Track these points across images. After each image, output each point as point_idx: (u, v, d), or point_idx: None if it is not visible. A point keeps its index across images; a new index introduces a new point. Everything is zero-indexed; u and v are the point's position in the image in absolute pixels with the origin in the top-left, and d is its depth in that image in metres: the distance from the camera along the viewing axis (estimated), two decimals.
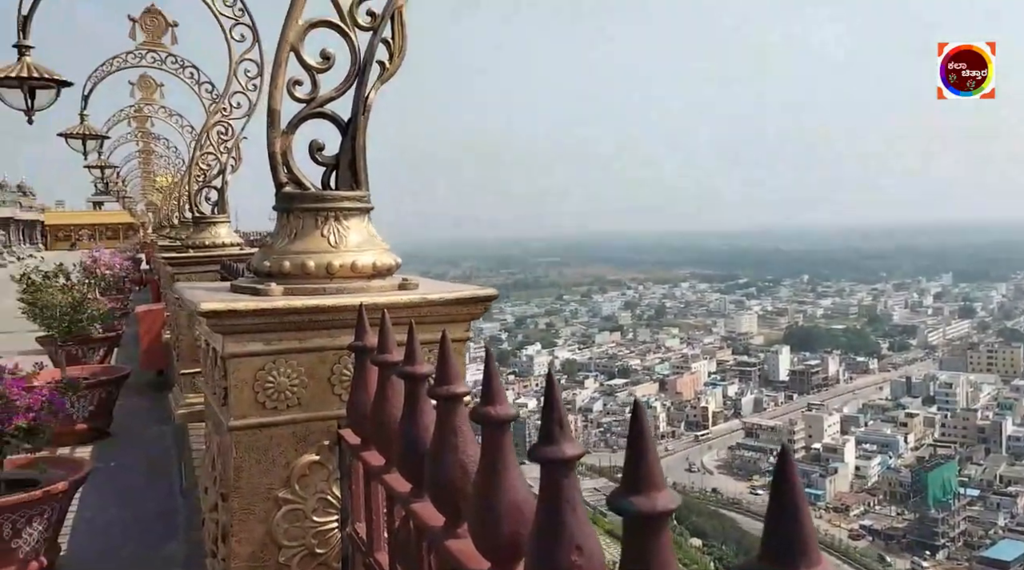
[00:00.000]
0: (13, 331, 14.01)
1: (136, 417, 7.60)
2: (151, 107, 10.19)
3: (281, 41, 1.67)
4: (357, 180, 1.72)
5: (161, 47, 7.05)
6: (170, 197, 16.34)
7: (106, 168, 11.59)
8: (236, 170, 4.72)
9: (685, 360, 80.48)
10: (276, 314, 1.48)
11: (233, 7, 4.50)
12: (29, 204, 71.08)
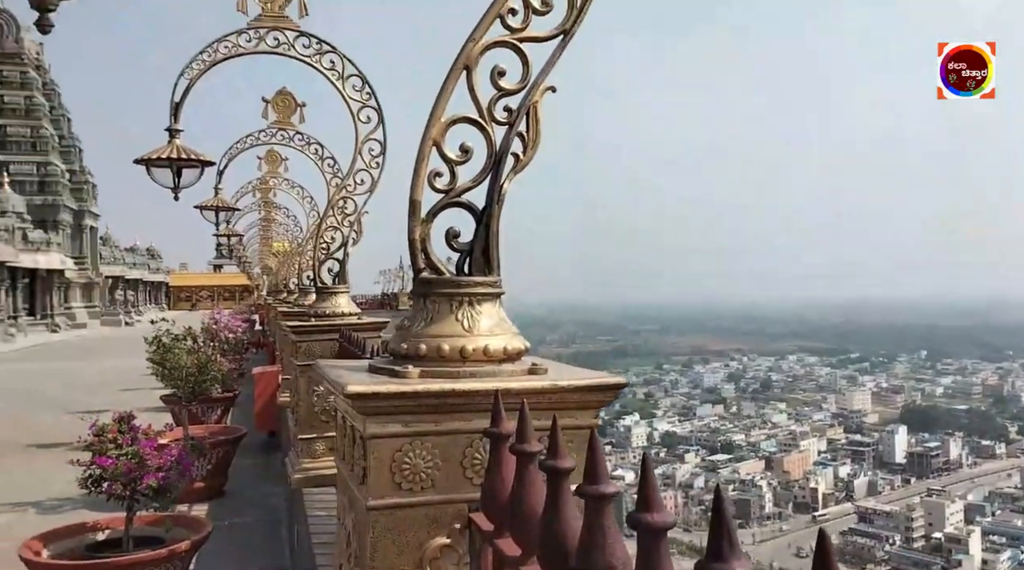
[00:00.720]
0: (139, 388, 14.86)
1: (249, 477, 7.88)
2: (275, 179, 10.84)
3: (424, 137, 1.77)
4: (490, 266, 1.79)
5: (290, 125, 7.54)
6: (286, 263, 17.21)
7: (232, 236, 12.32)
8: (357, 243, 4.94)
9: (793, 437, 76.92)
10: (414, 397, 1.54)
11: (361, 91, 4.79)
12: (156, 266, 75.92)
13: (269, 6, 4.62)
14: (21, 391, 15.30)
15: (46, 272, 36.68)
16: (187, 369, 7.64)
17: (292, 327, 4.66)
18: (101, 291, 46.92)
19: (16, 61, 42.11)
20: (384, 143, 4.85)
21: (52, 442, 9.80)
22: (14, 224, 33.34)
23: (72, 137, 46.52)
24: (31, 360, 23.25)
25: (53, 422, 11.43)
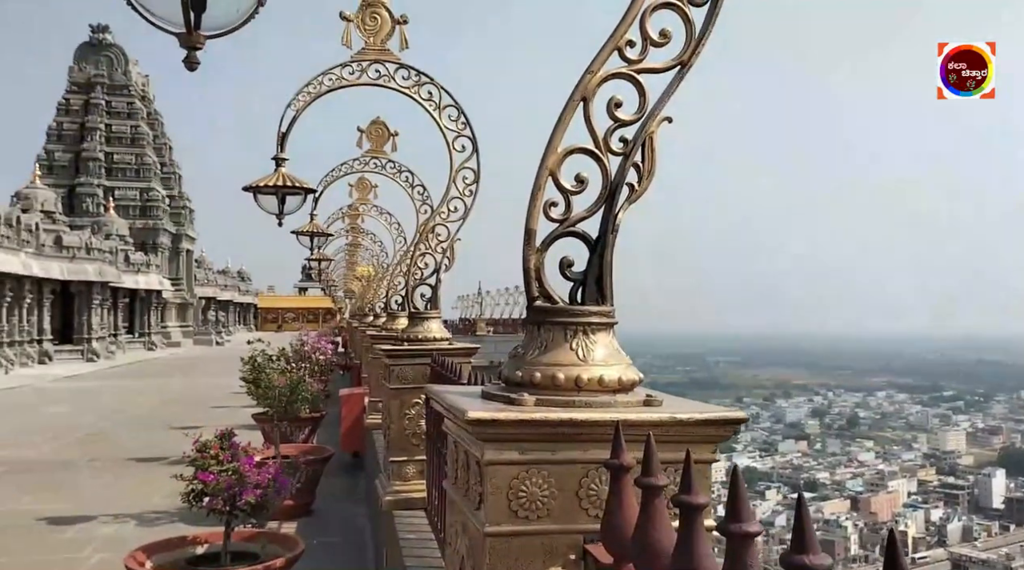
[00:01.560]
0: (230, 405, 15.39)
1: (335, 497, 8.03)
2: (365, 206, 11.13)
3: (541, 167, 1.80)
4: (603, 295, 1.79)
5: (383, 154, 7.75)
6: (370, 287, 17.59)
7: (323, 261, 12.69)
8: (449, 269, 5.01)
9: (881, 477, 73.50)
10: (532, 425, 1.55)
11: (456, 121, 4.89)
12: (246, 288, 78.65)
13: (372, 40, 4.78)
14: (121, 406, 16.03)
15: (145, 292, 38.51)
16: (280, 389, 7.88)
17: (386, 351, 4.74)
18: (195, 311, 48.93)
19: (124, 93, 44.73)
20: (477, 172, 4.92)
21: (151, 456, 10.23)
22: (118, 246, 35.18)
23: (172, 164, 48.96)
24: (130, 376, 24.37)
25: (151, 437, 11.93)
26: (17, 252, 25.52)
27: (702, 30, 1.81)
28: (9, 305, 25.46)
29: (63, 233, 29.89)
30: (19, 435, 12.01)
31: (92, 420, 13.75)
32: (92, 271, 30.35)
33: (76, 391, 19.43)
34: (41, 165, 38.39)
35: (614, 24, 1.81)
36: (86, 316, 30.71)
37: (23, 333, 26.50)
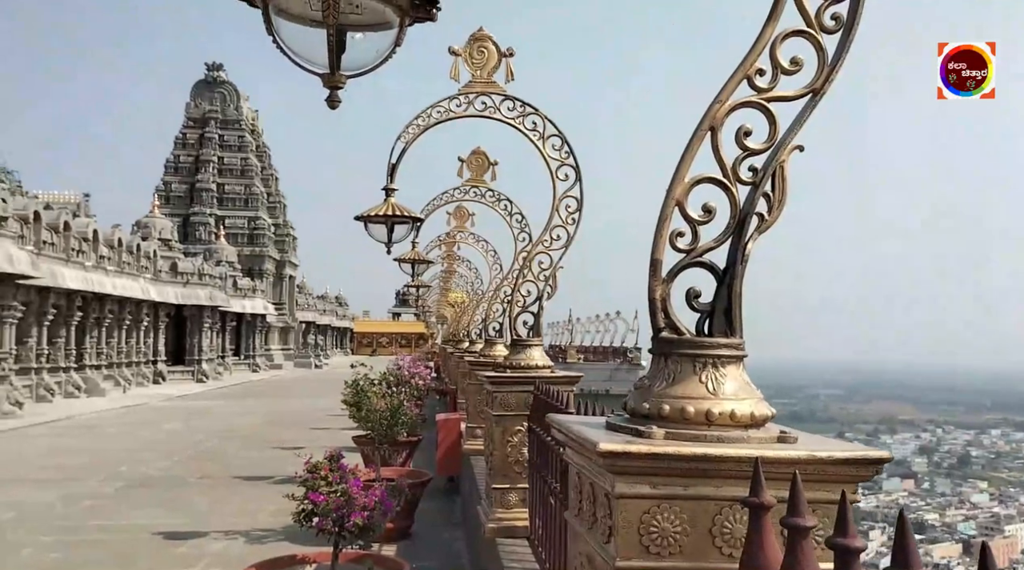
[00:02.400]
0: (328, 427, 15.81)
1: (431, 521, 8.10)
2: (462, 233, 11.32)
3: (667, 197, 1.78)
4: (732, 327, 1.75)
5: (482, 183, 7.87)
6: (465, 312, 17.81)
7: (420, 287, 12.94)
8: (551, 297, 5.02)
9: (996, 520, 68.65)
10: (665, 459, 1.52)
11: (560, 150, 4.92)
12: (343, 313, 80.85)
13: (479, 73, 4.89)
14: (229, 425, 16.69)
15: (251, 316, 40.17)
16: (381, 413, 8.04)
17: (488, 378, 4.78)
18: (296, 335, 50.68)
19: (236, 127, 47.17)
20: (580, 200, 4.94)
21: (257, 475, 10.60)
22: (227, 272, 36.91)
23: (278, 194, 51.17)
24: (236, 397, 25.38)
25: (257, 456, 12.37)
26: (137, 278, 27.12)
27: (835, 57, 1.77)
28: (128, 328, 27.03)
29: (178, 260, 31.59)
30: (137, 451, 12.66)
31: (203, 438, 14.36)
32: (204, 296, 31.91)
33: (187, 410, 20.36)
34: (159, 195, 40.83)
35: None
36: (197, 338, 32.26)
37: (140, 354, 28.05)
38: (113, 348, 25.83)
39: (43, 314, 20.60)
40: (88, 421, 17.15)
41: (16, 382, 17.98)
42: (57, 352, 21.78)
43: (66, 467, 11.16)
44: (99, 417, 18.04)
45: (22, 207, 19.60)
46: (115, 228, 26.59)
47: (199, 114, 46.88)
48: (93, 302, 23.92)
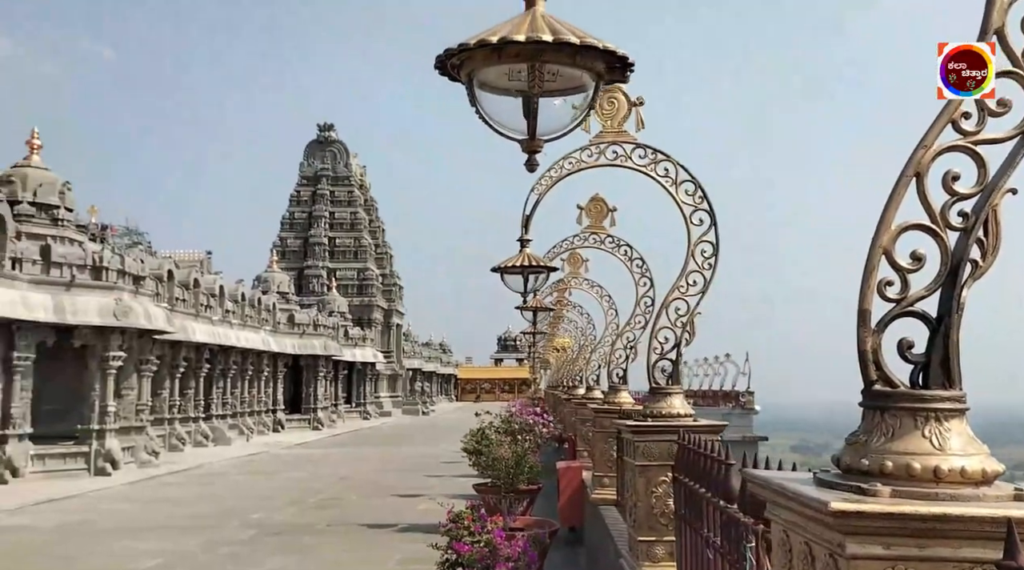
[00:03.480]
0: (443, 474, 15.96)
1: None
2: (576, 279, 11.35)
3: (873, 245, 1.75)
4: (951, 379, 1.68)
5: (602, 230, 7.90)
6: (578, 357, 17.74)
7: (536, 334, 13.01)
8: (690, 343, 4.94)
9: None
10: (899, 519, 1.47)
11: (693, 195, 4.90)
12: (447, 360, 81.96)
13: (610, 123, 4.96)
14: (347, 473, 17.09)
15: (361, 364, 41.31)
16: (506, 461, 8.06)
17: (630, 427, 4.73)
18: (403, 382, 51.70)
19: (345, 183, 49.29)
20: (716, 245, 4.88)
21: (380, 522, 10.78)
22: (338, 322, 38.21)
23: (385, 245, 52.88)
24: (351, 444, 26.00)
25: (379, 504, 12.60)
26: (258, 330, 28.44)
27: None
28: (251, 378, 28.28)
29: (295, 312, 32.96)
30: (266, 499, 13.11)
31: (324, 485, 14.75)
32: (318, 346, 33.09)
33: (307, 458, 21.00)
34: (276, 251, 42.88)
35: None
36: (313, 387, 33.39)
37: (260, 403, 29.25)
38: (237, 398, 27.05)
39: (175, 367, 21.82)
40: (218, 469, 17.93)
41: (151, 432, 19.04)
42: (187, 403, 22.97)
43: (203, 514, 11.67)
44: (227, 465, 18.83)
45: (157, 267, 20.99)
46: (239, 283, 28.04)
47: (311, 172, 49.26)
48: (219, 354, 25.18)
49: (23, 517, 11.32)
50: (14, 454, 14.45)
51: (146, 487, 14.73)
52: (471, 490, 10.57)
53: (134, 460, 16.97)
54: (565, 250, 8.54)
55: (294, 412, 32.78)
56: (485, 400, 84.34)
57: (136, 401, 17.76)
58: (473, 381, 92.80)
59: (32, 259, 15.33)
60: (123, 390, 17.08)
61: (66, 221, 16.65)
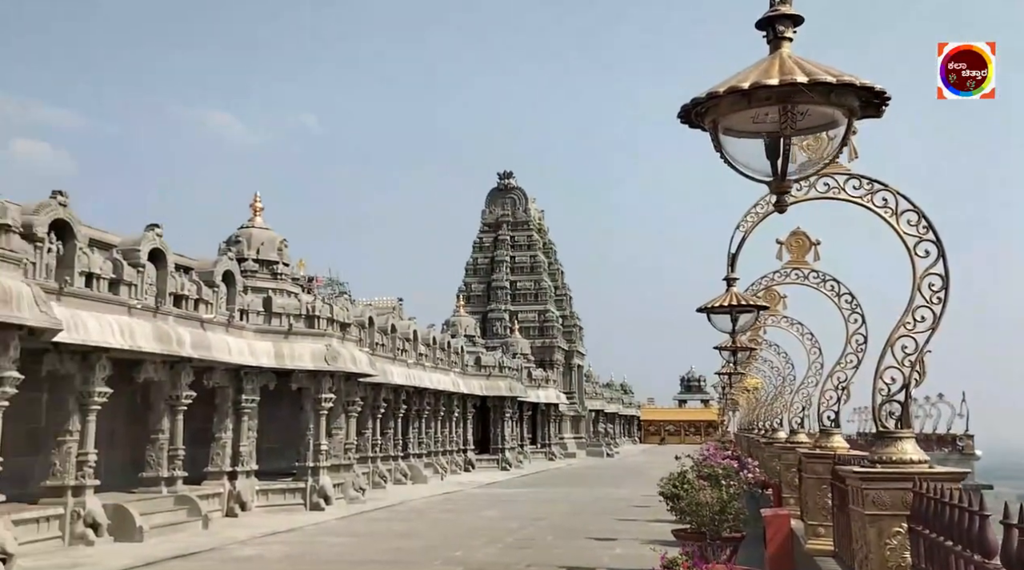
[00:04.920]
0: (634, 519, 15.69)
1: None
2: (774, 317, 10.91)
3: None
4: None
5: (804, 264, 7.58)
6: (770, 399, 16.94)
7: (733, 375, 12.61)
8: (920, 384, 4.61)
9: None
10: None
11: (917, 226, 4.61)
12: (628, 401, 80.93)
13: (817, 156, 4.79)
14: (538, 513, 17.23)
15: (545, 406, 41.78)
16: (710, 506, 7.82)
17: (858, 474, 4.46)
18: (586, 423, 51.62)
19: (525, 228, 50.66)
20: (946, 278, 4.55)
21: (577, 565, 10.75)
22: (522, 364, 39.00)
23: (565, 287, 53.57)
24: (538, 485, 26.24)
25: (574, 546, 12.59)
26: (448, 372, 29.64)
27: None
28: (442, 419, 29.47)
29: (481, 354, 34.06)
30: (465, 537, 13.51)
31: (518, 526, 14.96)
32: (504, 387, 33.91)
33: (498, 497, 21.43)
34: (462, 295, 44.71)
35: None
36: (500, 428, 34.19)
37: (452, 443, 30.34)
38: (431, 437, 28.23)
39: (376, 408, 23.17)
40: (418, 506, 18.71)
41: (357, 470, 20.26)
42: (387, 442, 24.27)
43: (409, 549, 12.21)
44: (426, 503, 19.62)
45: (359, 314, 22.53)
46: (430, 328, 29.45)
47: (492, 219, 51.09)
48: (414, 396, 26.46)
49: (254, 548, 12.37)
50: (243, 489, 15.88)
51: (356, 522, 15.65)
52: (667, 535, 10.31)
53: (344, 496, 18.09)
54: (763, 287, 8.26)
55: (483, 452, 33.65)
56: (670, 442, 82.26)
57: (344, 440, 19.00)
58: (656, 423, 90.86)
59: (256, 310, 16.97)
60: (333, 429, 18.35)
61: (283, 275, 18.33)
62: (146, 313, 13.45)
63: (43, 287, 10.74)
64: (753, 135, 1.90)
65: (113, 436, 14.09)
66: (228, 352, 15.29)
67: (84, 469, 12.03)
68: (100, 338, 11.92)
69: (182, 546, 11.98)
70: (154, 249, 13.95)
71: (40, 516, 11.32)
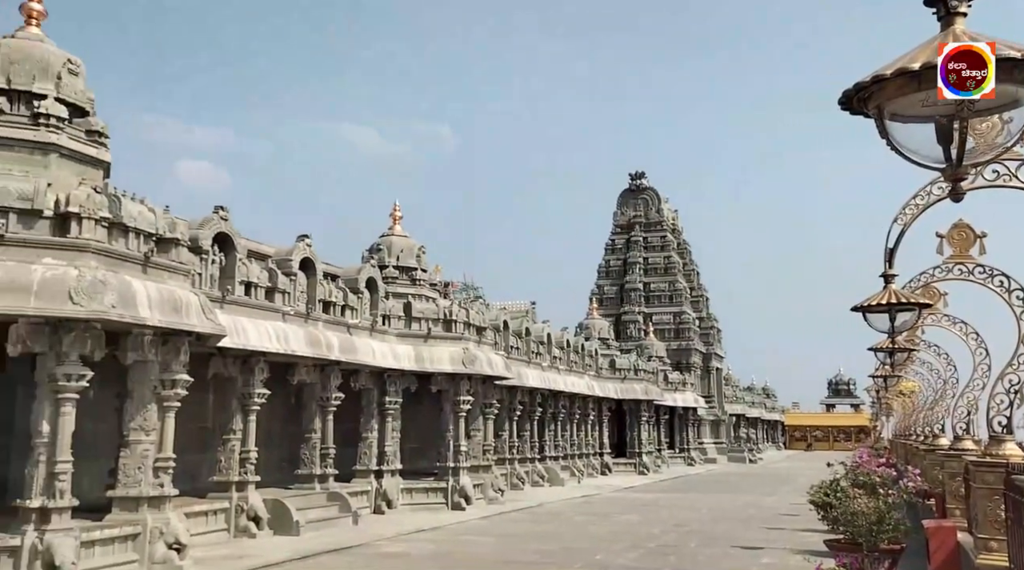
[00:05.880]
0: (783, 527, 15.07)
1: None
2: (933, 316, 10.19)
3: None
4: None
5: (968, 259, 7.04)
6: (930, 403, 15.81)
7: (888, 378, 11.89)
8: None
9: None
10: None
11: None
12: (771, 405, 77.97)
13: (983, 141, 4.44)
14: (679, 519, 16.87)
15: (683, 409, 40.93)
16: (867, 516, 7.39)
17: None
18: (726, 428, 50.13)
19: (658, 228, 49.91)
20: None
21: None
22: (657, 367, 38.36)
23: (700, 288, 52.32)
24: (677, 490, 25.72)
25: (719, 554, 12.24)
26: (582, 375, 29.61)
27: None
28: (577, 422, 29.46)
29: (615, 357, 33.79)
30: (604, 541, 13.43)
31: (659, 531, 14.71)
32: (639, 390, 33.49)
33: (637, 502, 21.17)
34: (595, 298, 44.56)
35: None
36: (636, 431, 33.78)
37: (588, 446, 30.27)
38: (567, 441, 28.29)
39: (512, 410, 23.47)
40: (556, 508, 18.79)
41: (496, 471, 20.59)
42: (524, 444, 24.52)
43: (549, 551, 12.28)
44: (563, 505, 19.67)
45: (494, 318, 22.91)
46: (563, 331, 29.50)
47: (625, 220, 50.65)
48: (549, 399, 26.60)
49: (401, 545, 12.82)
50: (388, 487, 16.50)
51: (497, 522, 15.90)
52: (818, 546, 9.87)
53: (483, 497, 18.43)
54: (922, 284, 7.74)
55: (619, 456, 33.36)
56: (818, 449, 78.41)
57: (482, 442, 19.36)
58: (802, 428, 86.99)
59: (397, 315, 17.61)
60: (471, 431, 18.74)
61: (422, 281, 18.92)
62: (298, 319, 14.25)
63: (208, 296, 11.59)
64: (923, 119, 1.77)
65: (270, 435, 15.01)
66: (372, 355, 15.94)
67: (246, 466, 12.88)
68: (259, 343, 12.73)
69: (334, 541, 12.59)
70: (304, 258, 14.76)
71: (208, 509, 12.21)
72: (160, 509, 10.08)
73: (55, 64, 10.28)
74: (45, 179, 9.49)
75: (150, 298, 9.63)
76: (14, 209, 9.10)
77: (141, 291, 9.56)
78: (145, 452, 10.12)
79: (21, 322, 8.93)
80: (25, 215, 9.16)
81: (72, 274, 8.89)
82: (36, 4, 10.73)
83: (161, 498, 10.12)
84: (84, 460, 9.74)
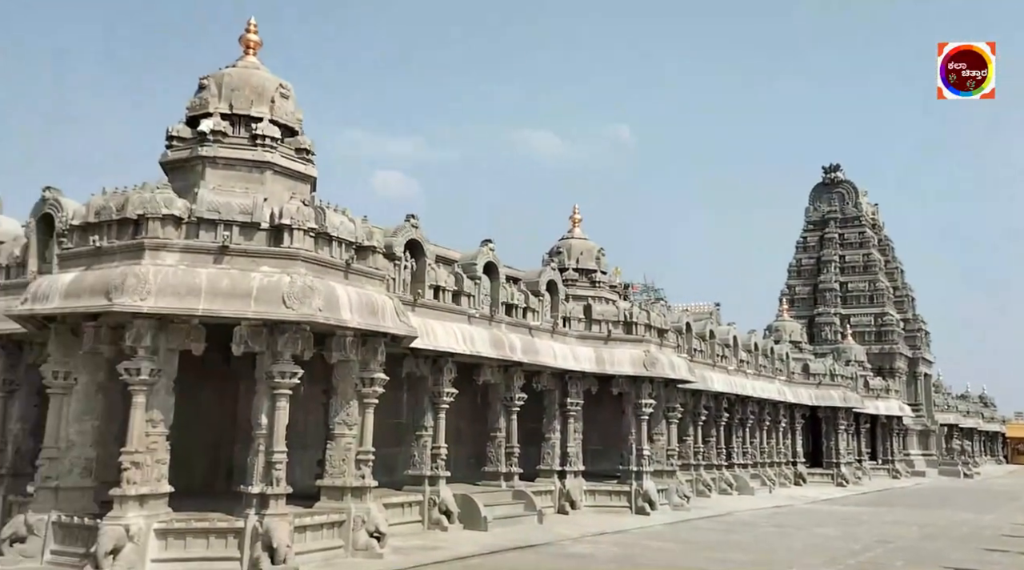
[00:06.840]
0: (1008, 550, 13.59)
1: None
2: None
3: None
4: None
5: None
6: None
7: None
8: None
9: None
10: None
11: None
12: (990, 415, 70.81)
13: None
14: (882, 535, 15.69)
15: (886, 418, 38.00)
16: None
17: None
18: (937, 439, 45.97)
19: (855, 224, 46.77)
20: None
21: None
22: (856, 372, 35.87)
23: (905, 287, 48.38)
24: (881, 504, 23.91)
25: None
26: (772, 380, 28.30)
27: None
28: (768, 429, 28.20)
29: (809, 361, 32.01)
30: (798, 554, 12.77)
31: (860, 547, 13.76)
32: (836, 396, 31.49)
33: (834, 515, 19.92)
34: (785, 299, 42.44)
35: None
36: (833, 441, 31.79)
37: (779, 455, 28.88)
38: (756, 448, 27.18)
39: (696, 415, 22.89)
40: (745, 518, 18.10)
41: (680, 477, 20.16)
42: (710, 450, 23.84)
43: (736, 562, 11.85)
44: (753, 515, 18.89)
45: (676, 320, 22.47)
46: (750, 333, 28.37)
47: (818, 217, 47.92)
48: (736, 404, 25.68)
49: (585, 546, 12.90)
50: (571, 488, 16.65)
51: (681, 529, 15.58)
52: None
53: (668, 502, 18.12)
54: None
55: (814, 466, 31.56)
56: None
57: (666, 446, 19.05)
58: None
59: (577, 317, 17.74)
60: (654, 435, 18.50)
61: (601, 283, 18.93)
62: (482, 321, 14.75)
63: (401, 299, 12.28)
64: None
65: (459, 433, 15.64)
66: (553, 357, 16.16)
67: (437, 461, 13.51)
68: (447, 344, 13.32)
69: (520, 538, 12.89)
70: (488, 262, 15.25)
71: (404, 501, 12.93)
72: (362, 499, 10.81)
73: (269, 89, 11.31)
74: (261, 194, 10.47)
75: (351, 302, 10.36)
76: (236, 222, 10.11)
77: (343, 295, 10.31)
78: (348, 445, 10.90)
79: (243, 324, 9.90)
80: (246, 228, 10.15)
81: (285, 281, 9.75)
82: (253, 35, 11.87)
83: (363, 489, 10.85)
84: (296, 451, 10.64)
